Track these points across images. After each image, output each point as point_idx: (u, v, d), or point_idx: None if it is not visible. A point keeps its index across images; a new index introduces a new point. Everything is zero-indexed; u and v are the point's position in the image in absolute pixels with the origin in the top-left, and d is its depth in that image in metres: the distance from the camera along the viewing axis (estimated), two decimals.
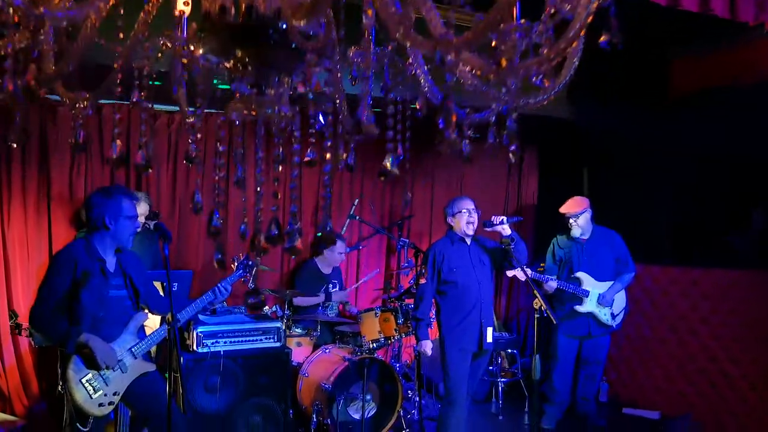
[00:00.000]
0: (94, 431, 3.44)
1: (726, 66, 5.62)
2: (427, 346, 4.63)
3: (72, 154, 5.45)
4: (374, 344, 5.36)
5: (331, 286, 6.15)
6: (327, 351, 5.45)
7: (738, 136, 5.69)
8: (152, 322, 4.35)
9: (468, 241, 4.70)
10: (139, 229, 4.86)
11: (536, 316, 3.78)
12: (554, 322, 3.81)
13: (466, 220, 4.65)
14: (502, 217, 4.46)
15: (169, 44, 1.78)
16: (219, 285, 3.73)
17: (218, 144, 5.81)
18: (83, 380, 3.28)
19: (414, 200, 7.07)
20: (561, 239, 5.79)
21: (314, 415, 5.03)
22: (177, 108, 5.78)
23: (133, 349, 3.43)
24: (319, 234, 5.30)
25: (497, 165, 7.35)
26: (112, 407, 3.37)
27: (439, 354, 6.18)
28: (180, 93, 1.89)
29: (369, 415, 5.10)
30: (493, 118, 1.83)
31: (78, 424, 3.31)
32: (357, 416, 5.20)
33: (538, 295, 3.74)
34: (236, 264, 3.93)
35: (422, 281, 4.61)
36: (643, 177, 6.54)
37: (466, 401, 4.69)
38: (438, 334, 4.77)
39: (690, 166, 6.15)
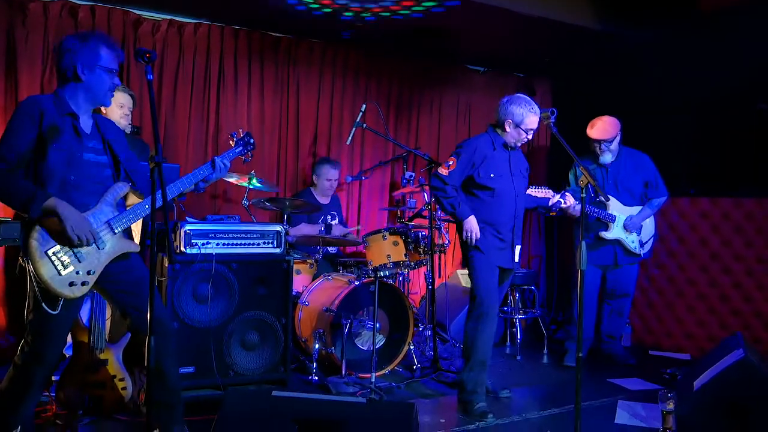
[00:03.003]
0: (61, 323, 2.86)
1: None
2: (473, 223, 3.93)
3: (43, 57, 4.88)
4: (382, 271, 4.79)
5: (329, 217, 5.60)
6: (329, 278, 4.90)
7: None
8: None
9: (509, 147, 4.14)
10: (125, 124, 4.31)
11: (582, 195, 3.26)
12: (603, 199, 3.28)
13: (523, 138, 4.08)
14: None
15: None
16: (216, 158, 3.14)
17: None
18: (50, 252, 2.68)
19: (419, 135, 6.55)
20: (583, 164, 5.26)
21: (316, 344, 4.48)
22: (162, 15, 5.29)
23: (111, 222, 2.83)
24: None
25: None
26: (85, 289, 2.77)
27: (456, 293, 5.68)
28: None
29: (377, 347, 4.54)
30: None
31: (45, 306, 2.71)
32: (364, 348, 4.66)
33: (585, 171, 3.23)
34: (235, 140, 3.35)
35: (442, 171, 3.98)
36: (666, 100, 6.04)
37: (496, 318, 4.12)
38: (460, 245, 4.19)
39: (719, 86, 5.66)
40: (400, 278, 5.51)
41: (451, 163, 3.97)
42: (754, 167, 5.64)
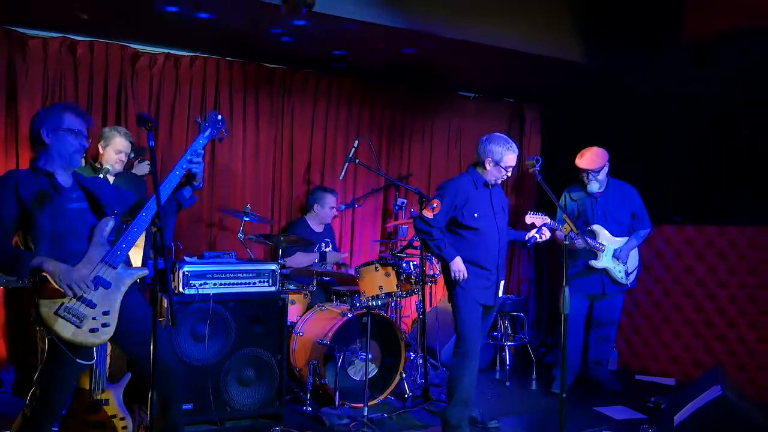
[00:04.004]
0: (72, 373, 2.96)
1: (744, 9, 5.30)
2: (460, 264, 4.06)
3: (43, 93, 4.99)
4: (375, 301, 4.92)
5: (323, 245, 5.72)
6: (323, 308, 5.02)
7: (754, 85, 5.41)
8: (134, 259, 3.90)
9: (490, 185, 4.27)
10: (119, 169, 4.42)
11: (565, 243, 3.40)
12: (586, 245, 3.46)
13: (503, 175, 4.22)
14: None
15: None
16: (190, 148, 3.10)
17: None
18: (60, 311, 2.75)
19: (411, 160, 6.68)
20: (573, 192, 5.43)
21: (310, 376, 4.59)
22: (159, 49, 5.40)
23: (107, 259, 2.88)
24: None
25: (497, 125, 7.00)
26: (109, 330, 2.82)
27: (447, 318, 5.79)
28: None
29: (369, 377, 4.66)
30: None
31: (80, 360, 2.81)
32: (357, 378, 4.78)
33: (568, 219, 3.36)
34: (201, 124, 3.22)
35: (427, 214, 4.10)
36: (652, 131, 6.20)
37: (479, 355, 4.25)
38: (444, 281, 4.32)
39: (703, 117, 5.82)
40: (392, 304, 5.63)
41: (435, 205, 4.08)
42: (738, 195, 5.79)
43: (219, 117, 3.24)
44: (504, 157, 4.16)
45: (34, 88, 4.96)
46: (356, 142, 5.14)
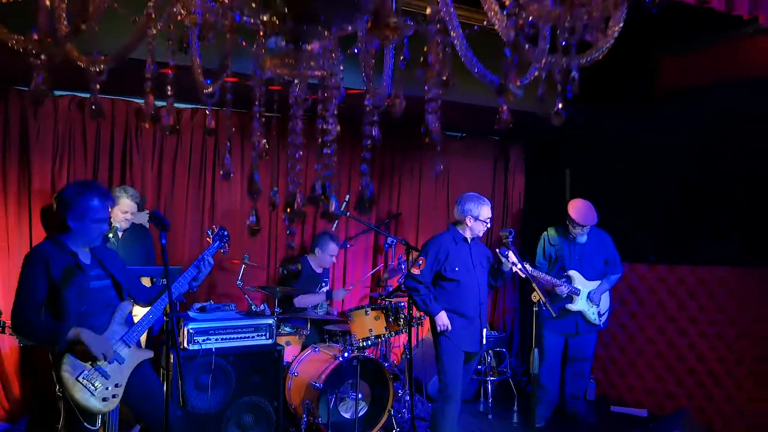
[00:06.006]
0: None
1: (712, 63, 5.66)
2: (444, 318, 4.47)
3: (54, 148, 5.31)
4: (365, 342, 5.28)
5: (323, 284, 6.04)
6: (316, 350, 5.35)
7: (723, 133, 5.76)
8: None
9: (469, 240, 4.66)
10: (126, 226, 4.79)
11: (535, 309, 3.75)
12: (553, 315, 3.85)
13: (484, 229, 4.62)
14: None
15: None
16: (199, 259, 3.58)
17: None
18: (80, 378, 3.14)
19: (400, 199, 7.02)
20: (552, 236, 5.77)
21: (304, 415, 4.94)
22: (162, 102, 5.71)
23: (124, 338, 3.30)
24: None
25: (483, 163, 7.35)
26: (117, 401, 3.23)
27: (433, 350, 6.15)
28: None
29: (360, 415, 5.02)
30: None
31: (86, 424, 3.17)
32: (348, 415, 5.13)
33: (536, 288, 3.71)
34: (211, 237, 3.80)
35: (415, 271, 4.51)
36: (627, 174, 6.56)
37: (460, 398, 4.63)
38: (430, 328, 4.69)
39: (675, 163, 6.18)
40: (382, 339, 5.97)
41: (420, 263, 4.50)
42: (710, 237, 6.14)
43: (225, 233, 3.79)
44: (481, 211, 4.58)
45: (45, 144, 5.29)
46: (347, 197, 5.48)
